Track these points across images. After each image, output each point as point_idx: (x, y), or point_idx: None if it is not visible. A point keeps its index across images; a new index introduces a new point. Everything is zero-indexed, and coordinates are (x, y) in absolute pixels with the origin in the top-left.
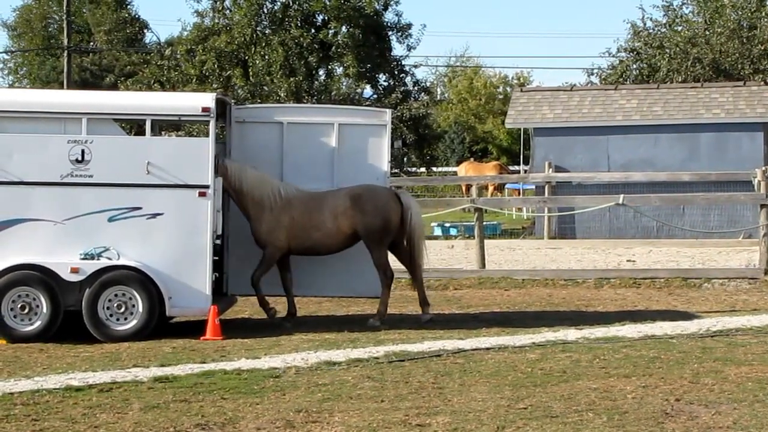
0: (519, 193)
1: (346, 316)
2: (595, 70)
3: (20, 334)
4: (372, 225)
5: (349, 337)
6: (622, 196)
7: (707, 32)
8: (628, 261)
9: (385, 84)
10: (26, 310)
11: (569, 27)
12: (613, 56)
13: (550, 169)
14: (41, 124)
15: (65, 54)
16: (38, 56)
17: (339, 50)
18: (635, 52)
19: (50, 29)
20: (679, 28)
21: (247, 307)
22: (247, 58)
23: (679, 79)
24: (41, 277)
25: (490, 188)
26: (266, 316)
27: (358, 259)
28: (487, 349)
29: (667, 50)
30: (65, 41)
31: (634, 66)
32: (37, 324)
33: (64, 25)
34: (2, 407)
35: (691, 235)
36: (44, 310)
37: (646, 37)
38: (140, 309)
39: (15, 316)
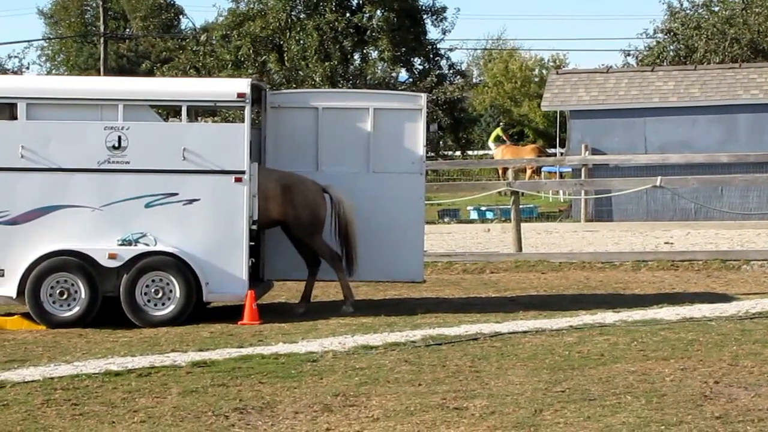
0: (556, 176)
1: (383, 300)
2: (632, 52)
3: (59, 320)
4: (301, 218)
5: (386, 321)
6: (659, 178)
7: (745, 12)
8: (665, 243)
9: (420, 68)
10: (65, 296)
11: (605, 8)
12: (650, 37)
13: (587, 152)
14: (78, 111)
15: (102, 41)
16: (75, 43)
17: (374, 34)
18: (672, 33)
19: (87, 16)
20: (717, 9)
21: (283, 292)
22: (282, 43)
23: (717, 60)
24: (79, 263)
25: (528, 171)
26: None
27: (395, 243)
28: (525, 332)
29: (704, 31)
30: (102, 28)
31: (671, 47)
32: (76, 310)
33: (101, 12)
34: (42, 392)
35: (730, 216)
36: (83, 295)
37: (683, 18)
38: (177, 294)
39: (54, 302)
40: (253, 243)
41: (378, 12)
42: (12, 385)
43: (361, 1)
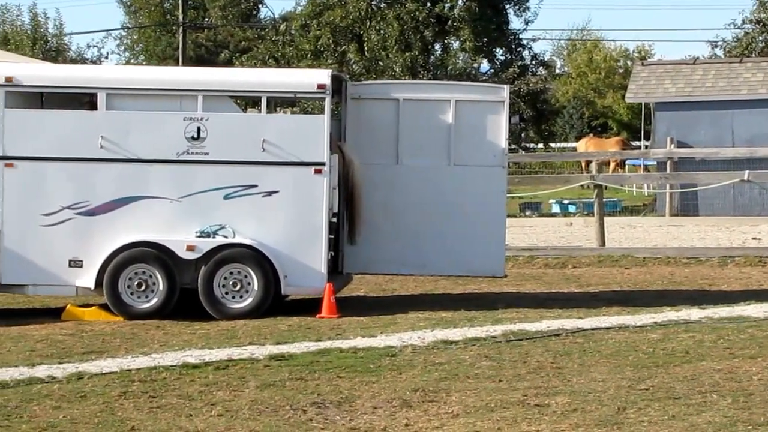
0: (640, 170)
1: (463, 295)
2: (719, 43)
3: (137, 312)
4: None
5: (466, 315)
6: (747, 172)
7: None
8: (753, 239)
9: (502, 58)
10: (143, 288)
11: None
12: (738, 28)
13: (672, 145)
14: (157, 102)
15: (180, 30)
16: (154, 33)
17: (455, 24)
18: (761, 24)
19: (166, 5)
20: None
21: (362, 286)
22: (362, 32)
23: None
24: (158, 254)
25: (612, 164)
26: (382, 294)
27: (474, 237)
28: (608, 328)
29: None
30: (180, 17)
31: (760, 38)
32: (154, 301)
33: (179, 1)
34: (120, 384)
35: None
36: (161, 287)
37: None
38: (256, 287)
39: (132, 294)
40: (332, 236)
41: (460, 1)
42: (90, 377)
43: None
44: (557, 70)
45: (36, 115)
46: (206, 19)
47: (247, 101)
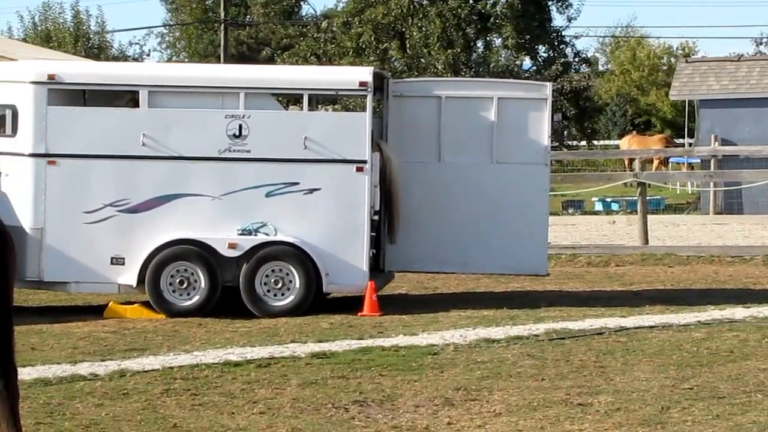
0: (684, 167)
1: (505, 293)
2: (765, 40)
3: (179, 309)
4: None
5: (509, 314)
6: None
7: None
8: None
9: (545, 55)
10: (184, 285)
11: None
12: None
13: (716, 143)
14: (199, 99)
15: (222, 27)
16: (196, 30)
17: (498, 21)
18: None
19: (207, 3)
20: None
21: (404, 284)
22: (404, 29)
23: None
24: (199, 252)
25: (655, 162)
26: (424, 292)
27: (517, 235)
28: (651, 327)
29: None
30: (222, 14)
31: None
32: (196, 299)
33: None
34: (162, 381)
35: None
36: (202, 285)
37: None
38: (297, 285)
39: (173, 291)
40: (373, 233)
41: None
42: (132, 374)
43: None
44: (600, 68)
45: (78, 112)
46: (248, 17)
47: (289, 99)
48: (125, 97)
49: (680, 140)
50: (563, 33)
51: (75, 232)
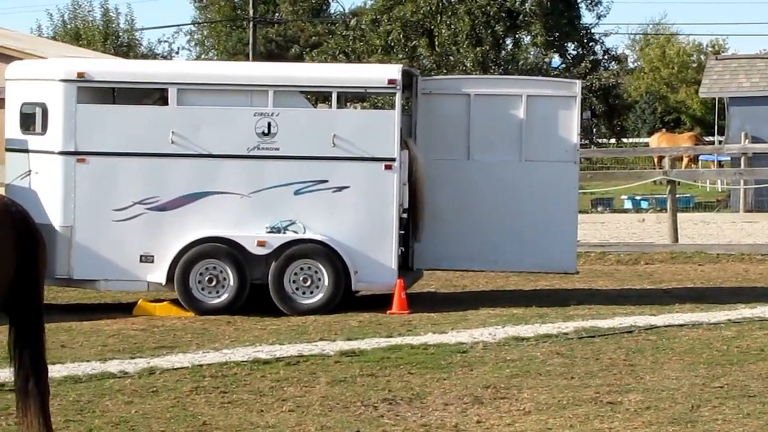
0: (714, 165)
1: (534, 291)
2: None
3: (207, 307)
4: None
5: (538, 312)
6: None
7: None
8: None
9: (574, 53)
10: (213, 283)
11: None
12: None
13: (747, 140)
14: (228, 97)
15: (251, 25)
16: (224, 28)
17: (527, 19)
18: None
19: (236, 1)
20: None
21: (433, 282)
22: (432, 27)
23: None
24: (228, 250)
25: (685, 160)
26: (453, 290)
27: (546, 233)
28: (681, 325)
29: None
30: (251, 12)
31: None
32: (225, 297)
33: None
34: (192, 379)
35: None
36: (231, 283)
37: None
38: (326, 283)
39: (203, 289)
40: (402, 232)
41: None
42: (161, 372)
43: None
44: (630, 65)
45: (108, 110)
46: (276, 14)
47: (318, 96)
48: (154, 95)
49: (710, 138)
50: (592, 30)
51: (104, 230)
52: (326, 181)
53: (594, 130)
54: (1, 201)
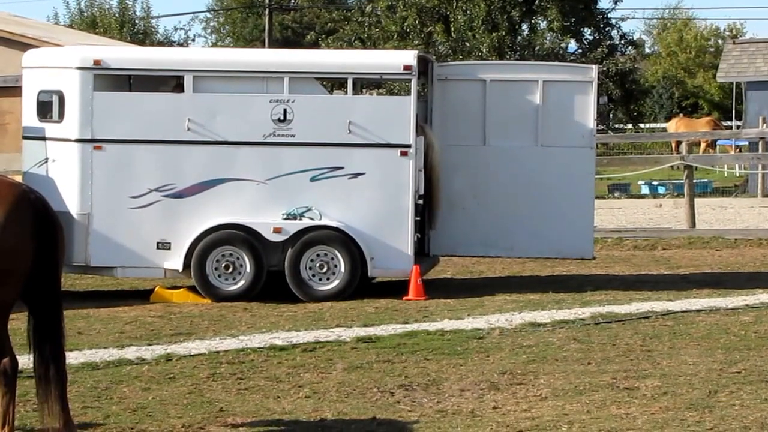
0: (731, 150)
1: (551, 277)
2: None
3: (224, 294)
4: None
5: (554, 297)
6: None
7: None
8: None
9: (590, 38)
10: (230, 270)
11: None
12: None
13: (765, 125)
14: (244, 84)
15: (267, 12)
16: (240, 15)
17: (542, 4)
18: None
19: None
20: None
21: (449, 268)
22: (448, 13)
23: None
24: (245, 236)
25: (702, 145)
26: (469, 276)
27: (562, 219)
28: (698, 311)
29: None
30: None
31: None
32: (241, 283)
33: None
34: (209, 365)
35: None
36: (248, 269)
37: None
38: (342, 269)
39: (219, 276)
40: (418, 218)
41: None
42: (178, 358)
43: None
44: (647, 50)
45: (124, 97)
46: (292, 1)
47: (333, 83)
48: (170, 83)
49: (728, 122)
50: (609, 15)
51: (121, 217)
52: (342, 168)
53: (611, 115)
54: (19, 188)
